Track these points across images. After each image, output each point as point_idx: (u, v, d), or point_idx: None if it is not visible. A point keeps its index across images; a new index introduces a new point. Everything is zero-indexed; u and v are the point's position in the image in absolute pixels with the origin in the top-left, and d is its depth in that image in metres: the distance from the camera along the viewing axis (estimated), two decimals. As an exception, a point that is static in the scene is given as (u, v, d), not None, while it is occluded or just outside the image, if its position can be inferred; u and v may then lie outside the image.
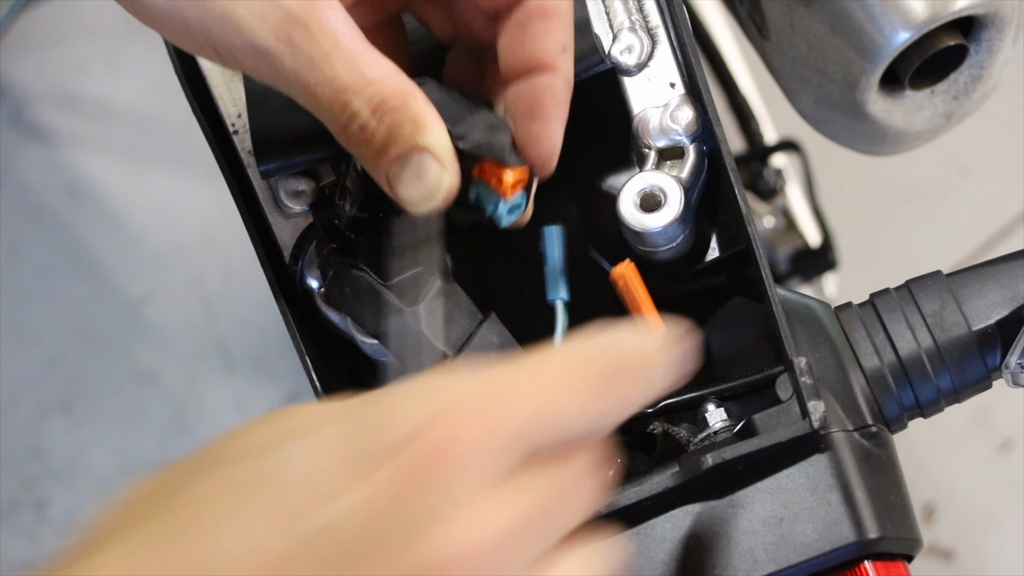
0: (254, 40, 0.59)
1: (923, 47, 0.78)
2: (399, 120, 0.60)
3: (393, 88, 0.60)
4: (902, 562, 0.67)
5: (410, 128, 0.60)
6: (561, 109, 0.64)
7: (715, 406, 0.68)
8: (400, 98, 0.60)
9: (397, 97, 0.60)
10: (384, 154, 0.61)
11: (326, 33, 0.59)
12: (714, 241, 0.72)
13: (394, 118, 0.60)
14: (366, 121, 0.60)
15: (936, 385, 0.69)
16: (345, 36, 0.59)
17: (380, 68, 0.60)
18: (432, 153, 0.61)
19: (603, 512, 0.65)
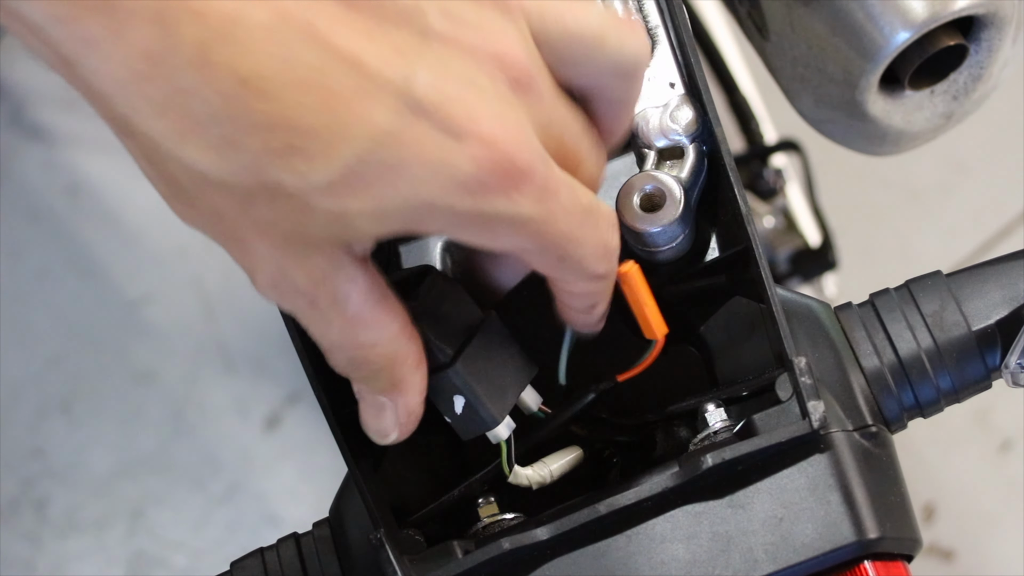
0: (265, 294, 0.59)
1: (923, 47, 0.78)
2: (374, 376, 0.61)
3: (379, 355, 0.61)
4: (902, 562, 0.67)
5: (383, 385, 0.62)
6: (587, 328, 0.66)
7: (715, 406, 0.68)
8: (383, 361, 0.61)
9: (380, 361, 0.61)
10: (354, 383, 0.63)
11: (332, 306, 0.59)
12: (714, 241, 0.72)
13: (368, 373, 0.61)
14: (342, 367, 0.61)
15: (936, 385, 0.69)
16: (353, 304, 0.59)
17: (376, 335, 0.60)
18: (395, 411, 0.62)
19: (603, 513, 0.65)
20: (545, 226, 0.57)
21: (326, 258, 0.58)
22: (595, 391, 0.69)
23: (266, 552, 0.70)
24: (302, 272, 0.58)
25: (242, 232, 0.57)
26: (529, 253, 0.59)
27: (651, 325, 0.68)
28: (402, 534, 0.67)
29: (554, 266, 0.60)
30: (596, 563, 0.65)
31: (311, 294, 0.59)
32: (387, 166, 0.54)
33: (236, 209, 0.55)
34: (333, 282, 0.59)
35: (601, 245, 0.61)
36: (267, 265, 0.58)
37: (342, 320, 0.59)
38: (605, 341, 0.71)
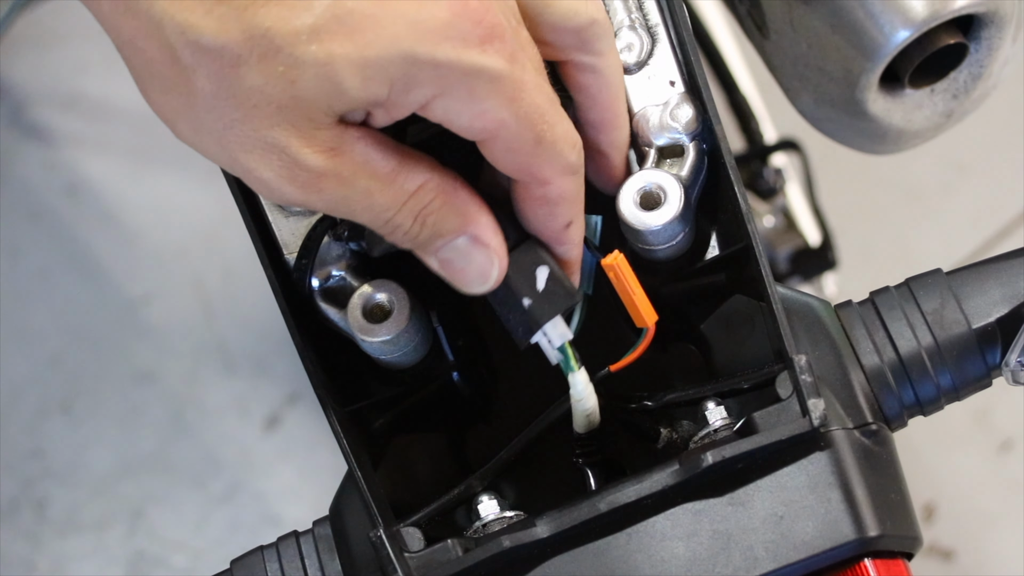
0: (286, 197, 0.60)
1: (923, 45, 0.78)
2: (442, 217, 0.62)
3: (433, 190, 0.62)
4: (902, 560, 0.67)
5: (455, 221, 0.63)
6: (576, 268, 0.67)
7: (715, 404, 0.68)
8: (441, 197, 0.62)
9: (439, 197, 0.62)
10: (430, 247, 0.63)
11: (360, 171, 0.60)
12: (714, 239, 0.72)
13: (437, 217, 0.62)
14: (409, 228, 0.62)
15: (936, 383, 0.69)
16: (380, 161, 0.60)
17: (417, 176, 0.61)
18: (481, 241, 0.63)
19: (603, 510, 0.65)
20: (519, 91, 0.60)
21: (328, 130, 0.59)
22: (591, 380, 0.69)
23: (266, 550, 0.70)
24: (310, 149, 0.59)
25: (241, 115, 0.58)
26: (508, 129, 0.60)
27: (641, 313, 0.68)
28: (402, 532, 0.67)
29: (531, 150, 0.61)
30: (596, 561, 0.65)
31: (332, 169, 0.59)
32: (367, 15, 0.57)
33: (230, 79, 0.57)
34: (346, 149, 0.60)
35: (572, 133, 0.63)
36: (276, 158, 0.59)
37: (378, 181, 0.60)
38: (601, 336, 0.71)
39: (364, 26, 0.57)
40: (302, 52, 0.57)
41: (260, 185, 0.60)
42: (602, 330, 0.71)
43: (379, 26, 0.57)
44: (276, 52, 0.57)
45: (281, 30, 0.56)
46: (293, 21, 0.57)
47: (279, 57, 0.57)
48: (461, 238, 0.63)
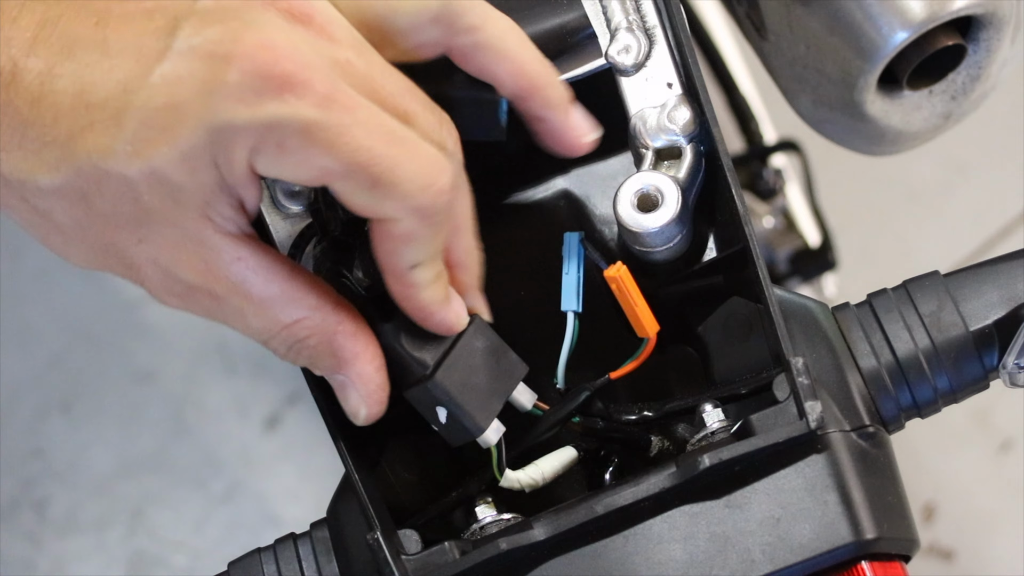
0: (169, 304, 0.62)
1: (921, 47, 0.78)
2: (316, 355, 0.63)
3: (310, 328, 0.62)
4: (899, 562, 0.67)
5: (328, 361, 0.63)
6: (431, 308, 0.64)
7: (712, 406, 0.68)
8: (317, 336, 0.62)
9: (314, 336, 0.62)
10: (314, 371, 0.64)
11: (234, 292, 0.61)
12: (711, 241, 0.72)
13: (311, 353, 0.63)
14: (284, 354, 0.63)
15: (933, 385, 0.69)
16: (256, 287, 0.61)
17: (296, 310, 0.62)
18: (353, 385, 0.64)
19: (600, 513, 0.65)
20: (339, 136, 0.58)
21: (196, 242, 0.59)
22: (589, 389, 0.69)
23: (263, 553, 0.70)
24: (183, 263, 0.60)
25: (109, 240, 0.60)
26: (335, 175, 0.59)
27: (643, 324, 0.68)
28: (399, 535, 0.67)
29: (368, 195, 0.59)
30: (593, 563, 0.65)
31: (206, 285, 0.60)
32: (169, 106, 0.57)
33: (82, 213, 0.59)
34: (220, 265, 0.60)
35: (424, 173, 0.60)
36: (151, 270, 0.60)
37: (252, 305, 0.61)
38: (602, 341, 0.71)
39: (170, 121, 0.57)
40: (130, 169, 0.58)
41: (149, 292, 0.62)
42: (601, 336, 0.71)
43: (181, 114, 0.57)
44: (108, 176, 0.58)
45: (104, 154, 0.57)
46: (110, 142, 0.57)
47: (112, 180, 0.58)
48: (337, 376, 0.64)
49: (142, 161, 0.57)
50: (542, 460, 0.69)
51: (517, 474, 0.68)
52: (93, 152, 0.57)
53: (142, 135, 0.57)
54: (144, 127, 0.57)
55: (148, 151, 0.57)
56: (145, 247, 0.60)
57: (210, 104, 0.57)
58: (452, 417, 0.65)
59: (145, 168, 0.57)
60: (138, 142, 0.57)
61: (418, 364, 0.64)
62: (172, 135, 0.57)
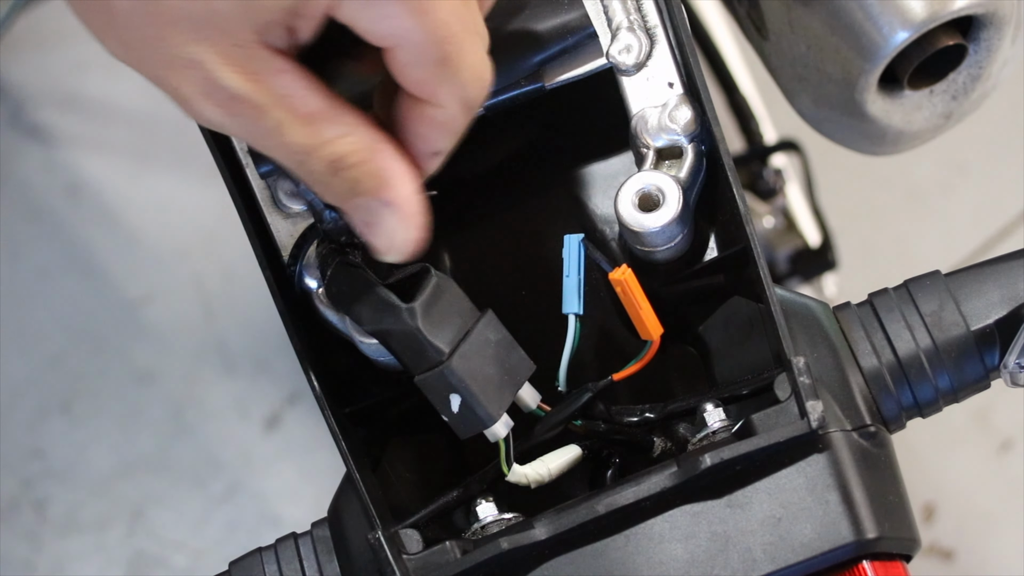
0: (205, 115, 0.60)
1: (922, 47, 0.78)
2: (358, 175, 0.61)
3: (353, 144, 0.60)
4: (900, 562, 0.67)
5: (371, 182, 0.61)
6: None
7: (713, 406, 0.68)
8: (361, 153, 0.60)
9: (358, 153, 0.60)
10: (347, 203, 0.62)
11: (277, 103, 0.59)
12: (712, 241, 0.72)
13: (353, 174, 0.61)
14: (322, 177, 0.61)
15: (934, 385, 0.69)
16: (301, 99, 0.59)
17: (339, 126, 0.60)
18: (394, 207, 0.61)
19: (601, 512, 0.65)
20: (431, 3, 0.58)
21: (249, 51, 0.58)
22: (592, 390, 0.69)
23: (264, 552, 0.70)
24: (229, 68, 0.58)
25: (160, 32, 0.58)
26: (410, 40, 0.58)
27: (647, 327, 0.68)
28: (400, 534, 0.67)
29: (430, 71, 0.59)
30: (594, 563, 0.65)
31: (250, 94, 0.58)
32: None
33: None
34: (268, 76, 0.59)
35: (483, 68, 0.61)
36: (194, 73, 0.58)
37: (295, 118, 0.59)
38: (604, 342, 0.71)
39: None
40: None
41: (183, 104, 0.60)
42: (602, 337, 0.71)
43: None
44: None
45: None
46: None
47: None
48: (376, 200, 0.61)
49: None
50: (548, 456, 0.69)
51: (524, 469, 0.68)
52: None
53: None
54: None
55: None
56: (196, 48, 0.58)
57: None
58: (465, 405, 0.65)
59: None
60: None
61: (434, 350, 0.64)
62: None
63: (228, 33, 0.58)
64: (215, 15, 0.57)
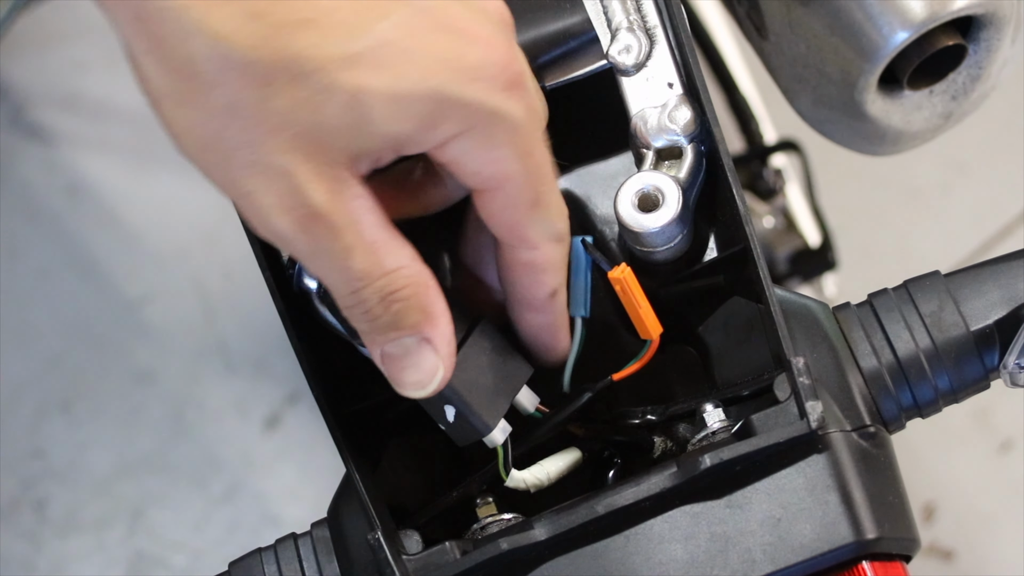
0: (275, 228, 0.59)
1: (922, 47, 0.78)
2: (406, 308, 0.61)
3: (408, 278, 0.61)
4: (900, 562, 0.67)
5: (417, 317, 0.61)
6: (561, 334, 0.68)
7: (713, 406, 0.68)
8: (413, 288, 0.61)
9: (410, 287, 0.61)
10: (383, 335, 0.61)
11: (350, 227, 0.59)
12: (712, 241, 0.72)
13: (401, 307, 0.61)
14: (372, 307, 0.61)
15: (934, 385, 0.69)
16: (369, 227, 0.59)
17: (398, 258, 0.60)
18: (433, 345, 0.62)
19: (601, 513, 0.65)
20: (533, 145, 0.60)
21: (337, 172, 0.58)
22: (591, 390, 0.69)
23: (264, 553, 0.70)
24: (317, 183, 0.57)
25: (256, 137, 0.56)
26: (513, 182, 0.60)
27: (646, 326, 0.68)
28: (400, 535, 0.67)
29: (526, 211, 0.61)
30: (594, 563, 0.65)
31: (329, 213, 0.58)
32: (401, 49, 0.56)
33: (254, 98, 0.56)
34: (347, 198, 0.58)
35: (563, 205, 0.63)
36: (279, 185, 0.57)
37: (363, 244, 0.59)
38: (603, 342, 0.71)
39: (398, 60, 0.56)
40: (333, 80, 0.56)
41: (254, 212, 0.59)
42: (604, 338, 0.71)
43: (412, 61, 0.56)
44: (306, 77, 0.56)
45: (315, 55, 0.55)
46: (328, 48, 0.56)
47: (309, 83, 0.56)
48: (414, 337, 0.61)
49: (350, 78, 0.56)
50: (547, 460, 0.69)
51: (523, 474, 0.68)
52: (305, 47, 0.55)
53: (364, 57, 0.56)
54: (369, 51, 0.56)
55: (362, 74, 0.56)
56: (288, 158, 0.57)
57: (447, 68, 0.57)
58: (460, 416, 0.65)
59: (351, 86, 0.56)
60: (357, 61, 0.56)
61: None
62: (394, 74, 0.56)
63: (326, 150, 0.57)
64: (321, 130, 0.57)
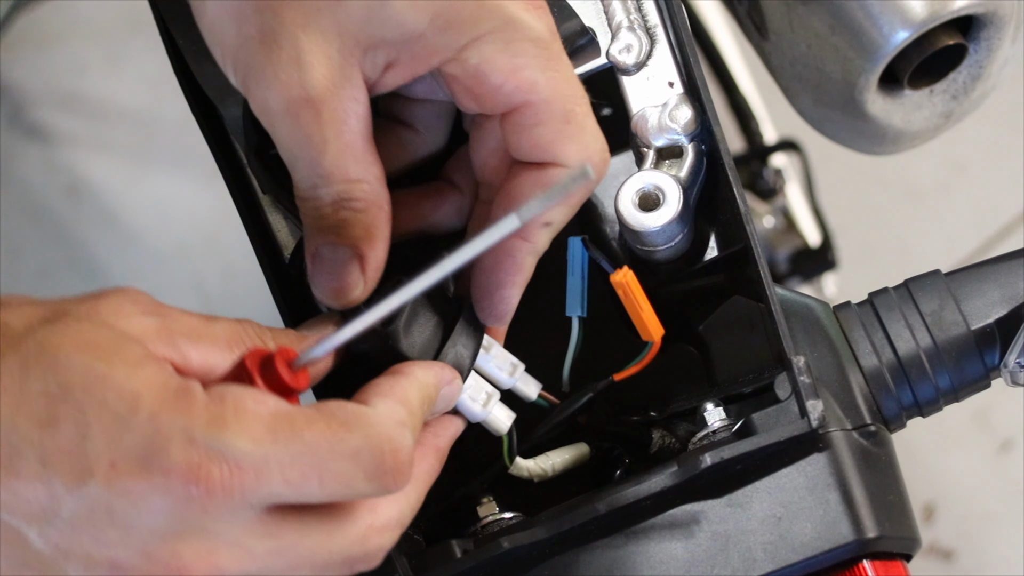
0: (266, 99, 0.59)
1: (922, 46, 0.78)
2: (353, 219, 0.61)
3: (365, 192, 0.61)
4: (901, 561, 0.67)
5: (359, 231, 0.61)
6: (521, 276, 0.65)
7: (714, 405, 0.68)
8: (366, 203, 0.61)
9: (364, 201, 0.61)
10: (323, 236, 0.61)
11: (333, 123, 0.59)
12: (713, 240, 0.72)
13: (349, 216, 0.61)
14: (322, 206, 0.61)
15: (935, 384, 0.69)
16: (351, 130, 0.60)
17: (364, 171, 0.61)
18: (363, 264, 0.61)
19: (602, 512, 0.65)
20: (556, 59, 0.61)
21: (346, 61, 0.59)
22: (592, 390, 0.69)
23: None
24: (321, 66, 0.58)
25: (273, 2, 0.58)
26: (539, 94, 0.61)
27: (648, 328, 0.68)
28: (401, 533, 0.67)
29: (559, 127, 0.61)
30: (595, 562, 0.65)
31: (318, 100, 0.58)
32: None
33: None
34: (343, 94, 0.59)
35: (600, 133, 0.63)
36: (285, 54, 0.58)
37: (339, 144, 0.60)
38: (605, 342, 0.71)
39: None
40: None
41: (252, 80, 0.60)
42: (604, 338, 0.71)
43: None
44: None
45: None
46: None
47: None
48: (349, 249, 0.61)
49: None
50: (553, 452, 0.69)
51: (528, 463, 0.68)
52: None
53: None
54: None
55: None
56: (304, 33, 0.58)
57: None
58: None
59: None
60: None
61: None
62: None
63: (341, 32, 0.58)
64: (339, 8, 0.58)
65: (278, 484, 0.54)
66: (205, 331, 0.58)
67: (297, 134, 0.60)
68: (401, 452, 0.56)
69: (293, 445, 0.54)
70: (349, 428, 0.55)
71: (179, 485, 0.52)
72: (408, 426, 0.58)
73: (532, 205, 0.55)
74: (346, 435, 0.55)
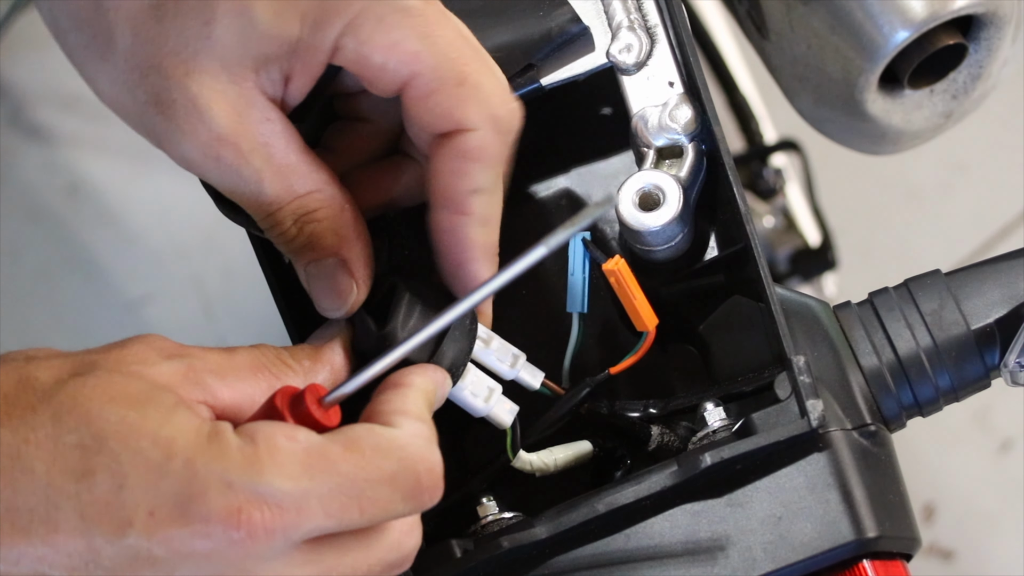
0: (186, 155, 0.60)
1: (922, 46, 0.78)
2: (321, 231, 0.61)
3: (321, 201, 0.61)
4: (901, 561, 0.67)
5: (332, 239, 0.62)
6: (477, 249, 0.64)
7: (714, 405, 0.68)
8: (327, 211, 0.61)
9: (324, 210, 0.61)
10: (303, 256, 0.62)
11: (257, 151, 0.60)
12: (713, 240, 0.72)
13: (316, 228, 0.61)
14: (287, 230, 0.61)
15: (935, 384, 0.69)
16: (279, 151, 0.60)
17: (311, 181, 0.61)
18: (349, 267, 0.62)
19: (602, 511, 0.65)
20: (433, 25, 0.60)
21: (243, 90, 0.59)
22: (590, 384, 0.69)
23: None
24: (219, 105, 0.58)
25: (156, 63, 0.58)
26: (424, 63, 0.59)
27: (641, 317, 0.68)
28: (401, 533, 0.67)
29: (452, 91, 0.60)
30: (595, 561, 0.65)
31: (234, 135, 0.59)
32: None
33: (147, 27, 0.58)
34: (251, 120, 0.59)
35: (503, 88, 0.62)
36: (182, 111, 0.58)
37: (273, 168, 0.60)
38: (604, 338, 0.71)
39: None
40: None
41: (164, 142, 0.60)
42: (601, 333, 0.71)
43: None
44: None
45: None
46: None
47: (195, 2, 0.57)
48: (333, 259, 0.62)
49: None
50: (556, 448, 0.69)
51: (530, 456, 0.68)
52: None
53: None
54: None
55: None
56: (190, 81, 0.58)
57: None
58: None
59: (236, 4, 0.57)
60: None
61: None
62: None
63: (225, 66, 0.58)
64: (215, 44, 0.58)
65: (320, 518, 0.54)
66: (228, 364, 0.58)
67: (228, 174, 0.60)
68: (435, 470, 0.57)
69: (331, 478, 0.54)
70: (383, 454, 0.56)
71: (220, 531, 0.52)
72: (434, 441, 0.58)
73: (558, 234, 0.56)
74: (382, 462, 0.55)
